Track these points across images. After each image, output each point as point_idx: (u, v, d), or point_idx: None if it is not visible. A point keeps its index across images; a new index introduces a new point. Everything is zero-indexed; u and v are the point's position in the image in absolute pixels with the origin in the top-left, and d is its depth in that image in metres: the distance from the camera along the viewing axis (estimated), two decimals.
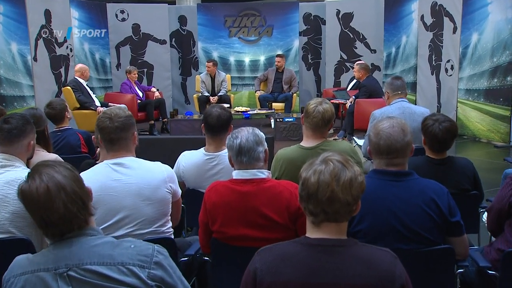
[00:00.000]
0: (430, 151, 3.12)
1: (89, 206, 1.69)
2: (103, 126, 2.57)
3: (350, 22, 10.56)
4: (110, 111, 2.63)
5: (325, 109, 3.12)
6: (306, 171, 1.68)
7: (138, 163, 2.58)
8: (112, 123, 2.55)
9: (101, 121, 2.59)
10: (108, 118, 2.57)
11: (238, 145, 2.43)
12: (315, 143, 3.14)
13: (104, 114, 2.62)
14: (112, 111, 2.62)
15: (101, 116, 2.62)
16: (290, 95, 9.35)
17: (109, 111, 2.62)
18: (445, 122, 3.07)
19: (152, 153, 4.46)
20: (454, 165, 3.09)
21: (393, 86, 4.44)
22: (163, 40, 10.84)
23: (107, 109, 2.67)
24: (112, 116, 2.57)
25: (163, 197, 2.57)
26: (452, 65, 8.64)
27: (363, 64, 7.68)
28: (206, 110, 3.28)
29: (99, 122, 2.60)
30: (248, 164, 2.43)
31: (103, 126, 2.57)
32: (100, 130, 2.59)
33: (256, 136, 2.48)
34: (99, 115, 2.66)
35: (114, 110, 2.63)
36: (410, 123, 4.17)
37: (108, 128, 2.55)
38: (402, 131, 2.34)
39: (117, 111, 2.62)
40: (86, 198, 1.68)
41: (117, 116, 2.58)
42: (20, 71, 8.42)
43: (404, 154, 2.35)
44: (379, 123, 2.39)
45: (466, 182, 3.09)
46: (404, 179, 2.33)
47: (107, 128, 2.55)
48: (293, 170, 3.12)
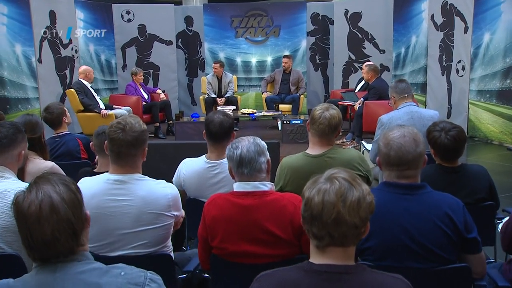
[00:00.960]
0: (443, 161, 2.96)
1: (81, 237, 1.51)
2: (114, 137, 2.36)
3: (359, 22, 10.39)
4: (125, 121, 2.40)
5: (332, 115, 2.97)
6: (310, 190, 1.53)
7: (142, 183, 2.40)
8: (124, 136, 2.35)
9: (113, 131, 2.38)
10: (121, 130, 2.36)
11: (239, 156, 2.29)
12: (322, 150, 3.00)
13: (118, 124, 2.40)
14: (127, 121, 2.40)
15: (113, 125, 2.41)
16: (297, 96, 9.20)
17: (123, 121, 2.40)
18: (451, 131, 2.91)
19: (153, 158, 4.34)
20: (467, 173, 2.94)
21: (398, 89, 4.29)
22: (169, 41, 10.72)
23: (122, 118, 2.45)
24: (126, 128, 2.37)
25: (165, 223, 2.41)
26: (463, 65, 8.44)
27: (372, 66, 7.51)
28: (207, 117, 3.15)
29: (111, 131, 2.39)
30: (249, 175, 2.29)
31: (114, 137, 2.37)
32: (110, 140, 2.39)
33: (258, 146, 2.34)
34: (111, 123, 2.45)
35: (129, 121, 2.41)
36: (420, 127, 4.03)
37: (120, 141, 2.35)
38: (414, 141, 2.19)
39: (132, 123, 2.40)
40: (79, 228, 1.50)
41: (132, 129, 2.38)
42: (25, 73, 8.34)
43: (416, 165, 2.20)
44: (389, 133, 2.25)
45: (481, 191, 2.93)
46: (416, 193, 2.18)
47: (118, 140, 2.35)
48: (298, 179, 2.99)
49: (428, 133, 2.99)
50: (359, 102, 7.57)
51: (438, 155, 2.96)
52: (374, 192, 2.24)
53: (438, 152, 2.95)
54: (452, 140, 2.88)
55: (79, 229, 1.49)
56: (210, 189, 3.03)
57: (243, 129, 9.35)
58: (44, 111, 4.24)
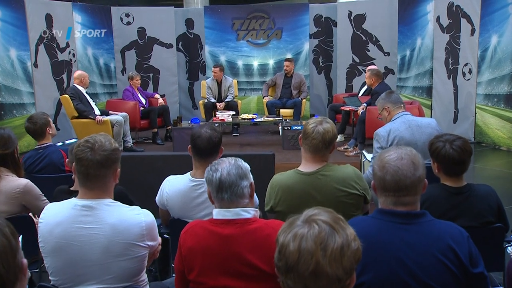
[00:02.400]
0: (447, 176, 2.73)
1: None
2: (82, 157, 2.15)
3: (363, 24, 10.17)
4: (94, 139, 2.20)
5: (325, 130, 2.75)
6: (284, 235, 1.30)
7: (112, 209, 2.17)
8: (93, 155, 2.14)
9: (81, 151, 2.16)
10: (90, 149, 2.15)
11: (218, 180, 2.07)
12: (315, 167, 2.78)
13: (86, 142, 2.19)
14: (97, 139, 2.19)
15: (81, 143, 2.20)
16: (299, 101, 8.96)
17: (92, 139, 2.19)
18: (456, 141, 2.70)
19: (140, 171, 4.13)
20: (474, 193, 2.70)
21: (392, 99, 4.07)
22: (170, 44, 10.54)
23: (90, 136, 2.24)
24: (95, 147, 2.16)
25: (138, 254, 2.17)
26: (470, 68, 8.19)
27: (375, 70, 7.26)
28: (194, 131, 2.92)
29: (78, 151, 2.17)
30: (230, 201, 2.07)
31: (81, 156, 2.15)
32: (77, 160, 2.17)
33: (239, 168, 2.11)
34: (78, 142, 2.24)
35: (98, 139, 2.20)
36: (419, 136, 3.83)
37: (87, 161, 2.13)
38: (413, 164, 1.96)
39: (102, 141, 2.19)
40: (10, 280, 1.26)
41: (101, 147, 2.17)
42: (20, 78, 8.15)
43: (415, 191, 1.97)
44: (385, 154, 2.01)
45: (489, 214, 2.69)
46: (415, 222, 1.95)
47: (86, 160, 2.14)
48: (290, 198, 2.77)
49: (430, 145, 2.77)
50: (362, 107, 7.33)
51: (442, 169, 2.73)
52: (368, 220, 2.03)
53: (442, 166, 2.72)
54: (457, 150, 2.66)
55: (10, 282, 1.26)
56: (195, 210, 2.82)
57: (244, 134, 9.13)
58: (27, 121, 4.03)
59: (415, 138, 3.84)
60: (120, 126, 7.14)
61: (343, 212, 2.76)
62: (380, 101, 4.16)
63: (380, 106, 4.16)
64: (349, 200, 2.74)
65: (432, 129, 3.91)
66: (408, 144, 3.79)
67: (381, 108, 4.14)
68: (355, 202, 2.76)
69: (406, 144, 3.81)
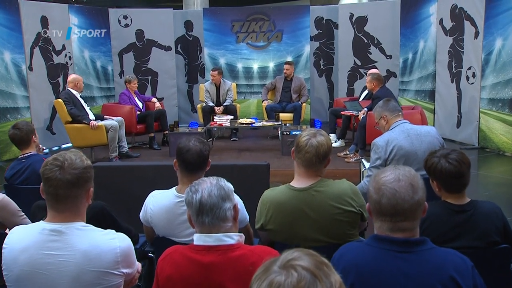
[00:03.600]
0: (448, 194, 2.55)
1: None
2: (50, 176, 1.95)
3: (364, 26, 10.01)
4: (63, 157, 2.00)
5: (319, 143, 2.58)
6: (259, 283, 1.12)
7: (84, 234, 1.98)
8: (62, 174, 1.94)
9: (49, 170, 1.96)
10: (59, 167, 1.95)
11: (199, 202, 1.89)
12: (308, 183, 2.61)
13: (55, 160, 1.98)
14: (66, 157, 2.00)
15: (49, 161, 1.99)
16: (299, 105, 8.78)
17: (61, 157, 1.99)
18: (451, 154, 2.53)
19: (129, 182, 3.96)
20: (478, 211, 2.51)
21: (390, 107, 3.89)
22: (168, 47, 10.39)
23: (60, 154, 2.04)
24: (64, 165, 1.96)
25: (112, 283, 1.98)
26: (473, 72, 8.00)
27: (375, 74, 7.09)
28: (181, 145, 2.74)
29: (46, 170, 1.97)
30: (211, 225, 1.89)
31: (50, 176, 1.95)
32: (45, 180, 1.97)
33: (222, 189, 1.93)
34: (47, 159, 2.02)
35: (68, 156, 2.00)
36: (419, 145, 3.66)
37: (56, 181, 1.94)
38: (411, 187, 1.78)
39: (72, 158, 2.00)
40: None
41: (72, 166, 1.97)
42: (14, 81, 7.99)
43: (414, 216, 1.80)
44: (381, 175, 1.84)
45: (494, 233, 2.50)
46: (414, 250, 1.78)
47: (55, 180, 1.94)
48: (282, 216, 2.60)
49: (425, 163, 2.60)
50: (363, 112, 7.15)
51: (441, 186, 2.56)
52: (363, 247, 1.86)
53: (441, 182, 2.55)
54: (454, 163, 2.49)
55: None
56: (181, 227, 2.64)
57: (243, 138, 8.96)
58: (12, 128, 3.85)
59: (415, 148, 3.67)
60: (115, 131, 6.98)
61: (339, 231, 2.62)
62: (377, 109, 3.99)
63: (377, 114, 3.98)
64: (344, 218, 2.57)
65: (432, 137, 3.74)
66: (408, 154, 3.66)
67: (378, 116, 3.97)
68: (351, 220, 2.59)
69: (405, 154, 3.65)
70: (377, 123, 4.00)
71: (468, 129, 8.22)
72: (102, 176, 3.90)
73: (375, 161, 3.74)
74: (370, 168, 3.80)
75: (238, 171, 3.79)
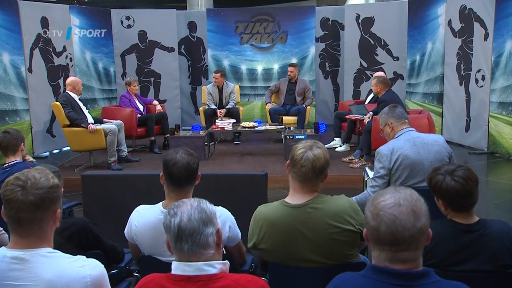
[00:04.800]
0: (456, 213, 2.35)
1: None
2: (11, 197, 1.74)
3: (371, 27, 9.80)
4: (26, 176, 1.79)
5: (316, 156, 2.40)
6: None
7: (49, 261, 1.78)
8: (25, 196, 1.75)
9: (9, 190, 1.76)
10: (21, 187, 1.76)
11: (177, 226, 1.71)
12: (304, 199, 2.42)
13: (16, 179, 1.79)
14: (29, 176, 1.79)
15: (10, 181, 1.80)
16: (303, 108, 8.58)
17: (25, 176, 1.79)
18: (457, 170, 2.33)
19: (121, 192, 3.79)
20: (487, 231, 2.31)
21: (396, 114, 3.68)
22: (171, 48, 10.23)
23: (22, 172, 1.83)
24: (27, 185, 1.76)
25: None
26: (483, 75, 7.78)
27: (381, 77, 6.88)
28: (168, 157, 2.55)
29: (6, 190, 1.77)
30: (191, 253, 1.70)
31: (11, 197, 1.74)
32: (6, 202, 1.77)
33: (203, 212, 1.74)
34: (8, 179, 1.82)
35: (32, 175, 1.80)
36: (425, 155, 3.46)
37: (18, 202, 1.74)
38: (413, 213, 1.59)
39: (36, 177, 1.79)
40: None
41: (35, 185, 1.76)
42: (13, 84, 7.85)
43: (416, 246, 1.60)
44: (380, 198, 1.65)
45: (506, 255, 2.30)
46: (416, 283, 1.58)
47: (16, 202, 1.74)
48: (275, 234, 2.42)
49: (429, 181, 2.40)
50: (368, 116, 6.95)
51: (447, 205, 2.37)
52: (359, 278, 1.67)
53: (447, 201, 2.36)
54: (460, 181, 2.29)
55: None
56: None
57: (246, 142, 8.79)
58: (2, 133, 3.72)
59: (421, 157, 3.47)
60: (113, 135, 6.81)
61: (336, 252, 2.43)
62: (383, 115, 3.78)
63: (382, 121, 3.78)
64: (343, 237, 2.38)
65: (440, 147, 3.55)
66: (414, 164, 3.46)
67: (383, 123, 3.77)
68: (350, 240, 2.40)
69: (411, 163, 3.46)
70: (382, 130, 3.80)
71: (477, 133, 8.00)
72: (92, 187, 3.74)
73: (379, 170, 3.54)
74: (374, 178, 3.60)
75: (233, 181, 3.61)
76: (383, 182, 3.52)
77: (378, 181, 3.53)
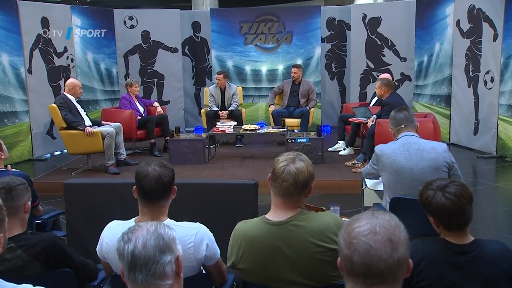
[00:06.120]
0: (448, 231, 2.18)
1: None
2: None
3: (378, 28, 9.60)
4: None
5: (298, 170, 2.22)
6: None
7: None
8: None
9: None
10: None
11: (131, 254, 1.55)
12: (286, 216, 2.25)
13: None
14: None
15: None
16: (306, 110, 8.38)
17: None
18: (450, 186, 2.17)
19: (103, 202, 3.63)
20: (483, 253, 2.13)
21: (395, 120, 3.71)
22: (175, 48, 10.10)
23: None
24: None
25: None
26: (492, 77, 7.54)
27: (385, 80, 6.68)
28: (139, 170, 2.39)
29: None
30: (145, 284, 1.53)
31: None
32: None
33: (160, 238, 1.57)
34: None
35: None
36: (416, 162, 3.43)
37: None
38: (390, 242, 1.41)
39: None
40: None
41: None
42: (12, 85, 7.76)
43: (394, 279, 1.43)
44: (355, 224, 1.47)
45: (502, 279, 2.11)
46: None
47: None
48: (254, 253, 2.26)
49: (420, 196, 2.25)
50: (372, 119, 6.75)
51: (439, 223, 2.20)
52: None
53: (437, 219, 2.19)
54: (452, 198, 2.13)
55: None
56: None
57: (248, 144, 8.62)
58: None
59: (411, 164, 3.43)
60: (111, 138, 6.67)
61: (320, 272, 2.25)
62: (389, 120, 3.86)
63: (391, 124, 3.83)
64: (327, 257, 2.20)
65: (437, 154, 3.43)
66: (402, 169, 3.46)
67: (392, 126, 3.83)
68: (335, 260, 2.20)
69: (399, 168, 3.48)
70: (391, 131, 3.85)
71: (485, 136, 7.77)
72: (76, 195, 3.59)
73: (371, 164, 3.78)
74: (367, 166, 3.90)
75: (221, 191, 3.44)
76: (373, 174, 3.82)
77: (369, 169, 3.83)
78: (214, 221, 3.25)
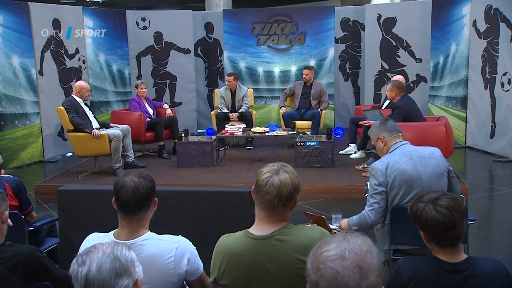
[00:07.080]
0: (439, 247, 2.05)
1: None
2: None
3: (393, 28, 9.42)
4: None
5: (282, 182, 2.12)
6: None
7: None
8: None
9: None
10: None
11: (84, 278, 1.45)
12: (270, 230, 2.14)
13: None
14: None
15: None
16: (318, 112, 8.24)
17: None
18: (441, 199, 2.05)
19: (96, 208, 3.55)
20: (476, 272, 2.00)
21: (388, 127, 3.44)
22: (187, 49, 10.05)
23: None
24: None
25: None
26: (509, 78, 7.33)
27: (396, 82, 6.51)
28: (117, 180, 2.31)
29: None
30: None
31: None
32: None
33: (117, 261, 1.48)
34: None
35: None
36: (423, 169, 3.21)
37: None
38: (359, 269, 1.29)
39: None
40: None
41: None
42: (23, 87, 7.78)
43: None
44: (324, 247, 1.36)
45: None
46: None
47: None
48: (236, 269, 2.15)
49: (410, 209, 2.14)
50: None
51: (429, 237, 2.07)
52: None
53: (427, 233, 2.07)
54: (443, 211, 2.01)
55: None
56: None
57: (259, 147, 8.51)
58: None
59: (419, 172, 3.20)
60: (118, 141, 6.62)
61: None
62: (374, 130, 3.53)
63: (374, 136, 3.52)
64: None
65: (437, 160, 3.28)
66: (411, 179, 3.20)
67: (375, 138, 3.50)
68: None
69: (408, 179, 3.19)
70: (374, 145, 3.53)
71: (502, 140, 7.56)
72: (69, 202, 3.52)
73: (375, 187, 3.26)
74: (372, 195, 3.30)
75: (215, 198, 3.34)
76: (381, 198, 3.26)
77: (376, 198, 3.26)
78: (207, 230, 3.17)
